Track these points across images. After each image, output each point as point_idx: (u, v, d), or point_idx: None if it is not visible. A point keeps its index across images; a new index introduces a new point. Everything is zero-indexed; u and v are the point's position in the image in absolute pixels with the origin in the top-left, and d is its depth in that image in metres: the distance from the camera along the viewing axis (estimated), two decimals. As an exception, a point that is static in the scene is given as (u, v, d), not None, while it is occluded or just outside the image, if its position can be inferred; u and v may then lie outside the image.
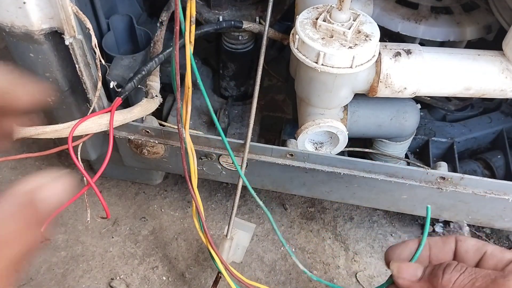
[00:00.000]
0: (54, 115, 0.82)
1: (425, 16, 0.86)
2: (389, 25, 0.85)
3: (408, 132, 0.86)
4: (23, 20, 0.63)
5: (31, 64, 0.71)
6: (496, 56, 0.75)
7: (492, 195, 0.77)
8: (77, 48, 0.67)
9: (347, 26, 0.68)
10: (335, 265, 1.02)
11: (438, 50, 0.77)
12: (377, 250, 1.04)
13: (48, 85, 0.29)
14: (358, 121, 0.83)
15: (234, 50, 0.93)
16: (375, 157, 0.94)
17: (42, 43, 0.67)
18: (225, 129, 0.97)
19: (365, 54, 0.68)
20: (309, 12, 0.72)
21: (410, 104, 0.84)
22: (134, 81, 0.76)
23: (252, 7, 0.90)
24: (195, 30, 0.83)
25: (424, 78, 0.74)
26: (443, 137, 1.00)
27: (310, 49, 0.68)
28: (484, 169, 0.98)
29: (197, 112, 1.00)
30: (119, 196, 1.12)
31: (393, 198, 0.84)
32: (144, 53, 0.92)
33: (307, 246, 1.04)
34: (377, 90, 0.75)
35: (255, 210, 1.10)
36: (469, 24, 0.85)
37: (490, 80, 0.75)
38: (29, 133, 0.67)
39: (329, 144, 0.84)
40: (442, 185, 0.78)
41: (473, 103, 1.04)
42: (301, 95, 0.80)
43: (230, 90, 1.02)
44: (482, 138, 1.03)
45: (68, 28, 0.64)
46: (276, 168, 0.81)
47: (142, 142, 0.83)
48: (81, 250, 1.01)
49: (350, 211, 1.11)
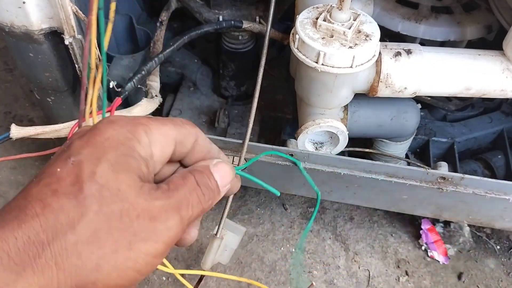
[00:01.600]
0: (54, 115, 0.82)
1: (425, 15, 0.85)
2: (390, 24, 0.85)
3: (409, 132, 0.86)
4: (22, 20, 0.63)
5: (31, 64, 0.71)
6: (496, 56, 0.75)
7: (493, 195, 0.77)
8: (76, 48, 0.67)
9: (347, 26, 0.68)
10: (335, 265, 1.02)
11: (438, 50, 0.77)
12: (377, 250, 1.04)
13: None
14: (359, 121, 0.82)
15: (234, 50, 0.93)
16: (375, 157, 0.94)
17: (41, 43, 0.67)
18: (225, 129, 0.97)
19: (365, 54, 0.68)
20: (309, 11, 0.72)
21: (411, 104, 0.84)
22: (134, 81, 0.76)
23: (252, 7, 0.90)
24: (196, 30, 0.83)
25: (424, 78, 0.74)
26: (443, 137, 1.00)
27: (310, 48, 0.68)
28: (484, 169, 0.98)
29: (197, 112, 1.00)
30: (119, 196, 1.12)
31: (393, 198, 0.83)
32: (144, 53, 0.92)
33: (307, 246, 1.04)
34: (377, 90, 0.75)
35: (255, 210, 1.10)
36: (470, 24, 0.85)
37: (491, 80, 0.75)
38: (28, 133, 0.67)
39: (329, 144, 0.84)
40: (442, 185, 0.78)
41: (473, 103, 1.04)
42: (301, 95, 0.80)
43: (230, 90, 1.01)
44: (482, 138, 1.02)
45: (68, 28, 0.64)
46: (276, 168, 0.81)
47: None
48: (81, 250, 1.01)
49: (350, 211, 1.11)
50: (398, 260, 1.04)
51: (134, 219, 0.30)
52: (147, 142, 0.33)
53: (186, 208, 0.33)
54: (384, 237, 1.07)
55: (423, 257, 1.04)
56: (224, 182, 0.37)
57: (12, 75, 1.39)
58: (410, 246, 1.06)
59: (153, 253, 0.31)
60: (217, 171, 0.37)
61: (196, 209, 0.34)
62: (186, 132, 0.36)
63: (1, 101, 1.31)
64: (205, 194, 0.35)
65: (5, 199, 1.10)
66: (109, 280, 0.29)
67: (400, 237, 1.07)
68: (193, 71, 1.03)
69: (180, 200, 0.33)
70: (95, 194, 0.29)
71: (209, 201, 0.36)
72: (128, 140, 0.32)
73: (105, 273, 0.29)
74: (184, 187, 0.34)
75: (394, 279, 1.01)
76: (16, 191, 1.11)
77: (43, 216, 0.28)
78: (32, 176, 1.24)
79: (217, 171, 0.37)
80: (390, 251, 1.05)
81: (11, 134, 0.66)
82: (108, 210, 0.29)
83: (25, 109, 1.30)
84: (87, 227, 0.29)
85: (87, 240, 0.29)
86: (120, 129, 0.32)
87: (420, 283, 1.00)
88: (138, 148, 0.32)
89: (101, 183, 0.30)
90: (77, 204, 0.29)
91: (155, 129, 0.34)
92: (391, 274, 1.01)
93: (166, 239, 0.32)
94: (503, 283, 1.01)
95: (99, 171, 0.30)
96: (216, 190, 0.36)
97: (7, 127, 0.67)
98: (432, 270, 1.02)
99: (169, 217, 0.32)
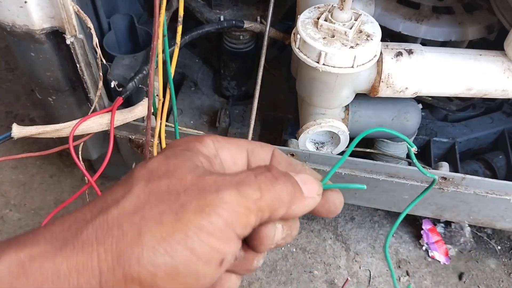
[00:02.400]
0: (55, 115, 0.82)
1: (426, 16, 0.85)
2: (391, 25, 0.85)
3: (410, 132, 0.86)
4: (24, 20, 0.63)
5: (32, 63, 0.71)
6: (497, 56, 0.75)
7: (494, 195, 0.77)
8: (78, 48, 0.67)
9: (348, 26, 0.68)
10: (336, 265, 1.02)
11: (439, 50, 0.77)
12: (378, 250, 1.04)
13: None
14: (360, 121, 0.82)
15: (235, 49, 0.93)
16: (376, 157, 0.93)
17: (43, 42, 0.67)
18: (226, 128, 0.97)
19: (366, 54, 0.68)
20: (311, 11, 0.72)
21: (412, 104, 0.84)
22: (135, 81, 0.76)
23: (253, 7, 0.90)
24: (197, 30, 0.83)
25: (425, 78, 0.74)
26: (444, 137, 1.00)
27: (311, 48, 0.68)
28: (485, 170, 0.98)
29: (198, 111, 1.00)
30: (120, 195, 1.12)
31: (394, 198, 0.83)
32: (145, 52, 0.92)
33: (308, 246, 1.04)
34: (378, 90, 0.75)
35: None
36: (471, 24, 0.85)
37: (492, 80, 0.75)
38: (30, 132, 0.67)
39: (330, 144, 0.84)
40: (443, 185, 0.77)
41: (474, 103, 1.04)
42: (302, 94, 0.80)
43: (231, 90, 1.01)
44: (483, 138, 1.02)
45: (69, 28, 0.64)
46: (277, 168, 0.81)
47: (143, 141, 0.83)
48: (82, 249, 1.01)
49: (351, 211, 1.11)
50: (399, 260, 1.04)
51: (182, 191, 0.27)
52: (212, 145, 0.31)
53: (249, 186, 0.28)
54: (385, 237, 1.07)
55: (424, 257, 1.04)
56: (309, 187, 0.31)
57: (13, 74, 1.39)
58: (411, 246, 1.06)
59: (207, 229, 0.26)
60: (298, 177, 0.31)
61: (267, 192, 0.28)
62: (258, 144, 0.33)
63: (3, 100, 1.32)
64: (278, 178, 0.29)
65: (7, 198, 1.10)
66: (155, 257, 0.25)
67: (401, 237, 1.07)
68: (194, 71, 1.03)
69: (241, 178, 0.28)
70: (143, 175, 0.28)
71: (286, 188, 0.29)
72: (189, 142, 0.31)
73: (150, 246, 0.25)
74: (248, 171, 0.29)
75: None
76: (17, 191, 1.11)
77: (92, 202, 0.28)
78: (33, 176, 1.24)
79: (298, 177, 0.31)
80: (391, 251, 1.05)
81: (12, 134, 0.66)
82: (154, 185, 0.27)
83: (26, 108, 1.30)
84: (131, 200, 0.27)
85: (130, 212, 0.26)
86: (183, 138, 0.32)
87: (421, 283, 1.00)
88: (199, 146, 0.30)
89: (151, 168, 0.29)
90: (125, 186, 0.28)
91: (222, 139, 0.32)
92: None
93: (223, 213, 0.26)
94: (504, 284, 1.01)
95: (151, 161, 0.29)
96: (297, 186, 0.30)
97: (8, 126, 0.67)
98: (433, 270, 1.02)
99: (223, 189, 0.27)
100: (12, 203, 1.09)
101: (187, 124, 0.97)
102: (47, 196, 1.11)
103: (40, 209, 1.09)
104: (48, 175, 1.15)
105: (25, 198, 1.10)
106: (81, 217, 0.27)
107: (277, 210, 0.29)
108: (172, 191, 0.27)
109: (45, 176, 1.15)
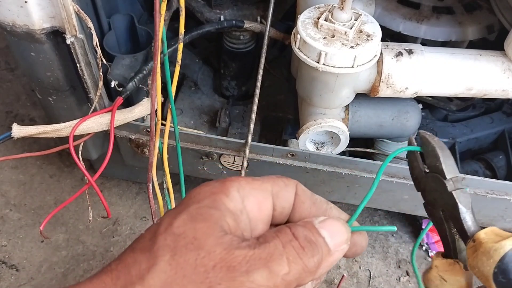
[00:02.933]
0: (55, 114, 0.82)
1: (427, 16, 0.85)
2: (391, 25, 0.85)
3: (410, 132, 0.86)
4: (24, 19, 0.63)
5: (32, 63, 0.71)
6: (498, 56, 0.75)
7: (494, 195, 0.77)
8: (78, 48, 0.67)
9: (348, 26, 0.68)
10: (336, 265, 1.02)
11: (439, 50, 0.77)
12: (378, 250, 1.04)
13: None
14: (360, 121, 0.82)
15: (235, 49, 0.93)
16: (376, 157, 0.93)
17: (43, 42, 0.67)
18: (226, 128, 0.97)
19: (366, 54, 0.68)
20: (311, 11, 0.72)
21: (412, 104, 0.84)
22: (135, 81, 0.76)
23: (253, 7, 0.90)
24: (197, 30, 0.83)
25: (425, 78, 0.74)
26: (444, 138, 1.00)
27: (311, 48, 0.68)
28: (485, 170, 0.98)
29: (198, 111, 1.00)
30: (120, 195, 1.12)
31: (394, 198, 0.83)
32: (145, 52, 0.92)
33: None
34: (378, 90, 0.75)
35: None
36: (471, 24, 0.85)
37: (492, 80, 0.75)
38: (30, 132, 0.67)
39: (331, 144, 0.84)
40: (443, 185, 0.77)
41: (474, 103, 1.04)
42: (302, 94, 0.80)
43: (231, 90, 1.01)
44: (483, 138, 1.02)
45: (70, 28, 0.64)
46: (277, 168, 0.81)
47: (143, 141, 0.83)
48: (82, 249, 1.01)
49: (352, 211, 1.11)
50: (399, 260, 1.04)
51: (210, 269, 0.26)
52: (237, 196, 0.30)
53: (278, 262, 0.27)
54: (385, 237, 1.07)
55: (424, 257, 1.04)
56: (336, 240, 0.31)
57: (14, 74, 1.39)
58: (411, 246, 1.06)
59: None
60: (323, 227, 0.31)
61: (294, 266, 0.28)
62: (282, 183, 0.33)
63: (3, 100, 1.32)
64: (305, 248, 0.29)
65: (7, 198, 1.10)
66: None
67: (401, 237, 1.07)
68: (194, 71, 1.03)
69: (270, 252, 0.28)
70: (169, 244, 0.27)
71: (313, 258, 0.29)
72: (214, 194, 0.30)
73: None
74: (276, 239, 0.29)
75: (395, 279, 1.01)
76: (17, 190, 1.12)
77: (116, 271, 0.27)
78: (33, 176, 1.24)
79: (323, 227, 0.31)
80: (391, 251, 1.05)
81: (12, 133, 0.66)
82: (181, 259, 0.26)
83: (27, 108, 1.30)
84: (157, 277, 0.26)
85: None
86: (207, 187, 0.30)
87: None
88: (225, 201, 0.30)
89: (177, 233, 0.27)
90: (150, 255, 0.27)
91: (246, 184, 0.31)
92: (391, 274, 1.01)
93: None
94: (504, 284, 1.01)
95: (176, 222, 0.28)
96: (323, 247, 0.30)
97: (8, 126, 0.67)
98: (433, 271, 1.02)
99: (253, 269, 0.26)
100: (12, 203, 1.09)
101: (187, 124, 0.97)
102: (47, 196, 1.11)
103: (40, 209, 1.09)
104: (48, 175, 1.15)
105: (25, 198, 1.10)
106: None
107: (304, 280, 0.29)
108: (200, 268, 0.26)
109: (45, 176, 1.15)
